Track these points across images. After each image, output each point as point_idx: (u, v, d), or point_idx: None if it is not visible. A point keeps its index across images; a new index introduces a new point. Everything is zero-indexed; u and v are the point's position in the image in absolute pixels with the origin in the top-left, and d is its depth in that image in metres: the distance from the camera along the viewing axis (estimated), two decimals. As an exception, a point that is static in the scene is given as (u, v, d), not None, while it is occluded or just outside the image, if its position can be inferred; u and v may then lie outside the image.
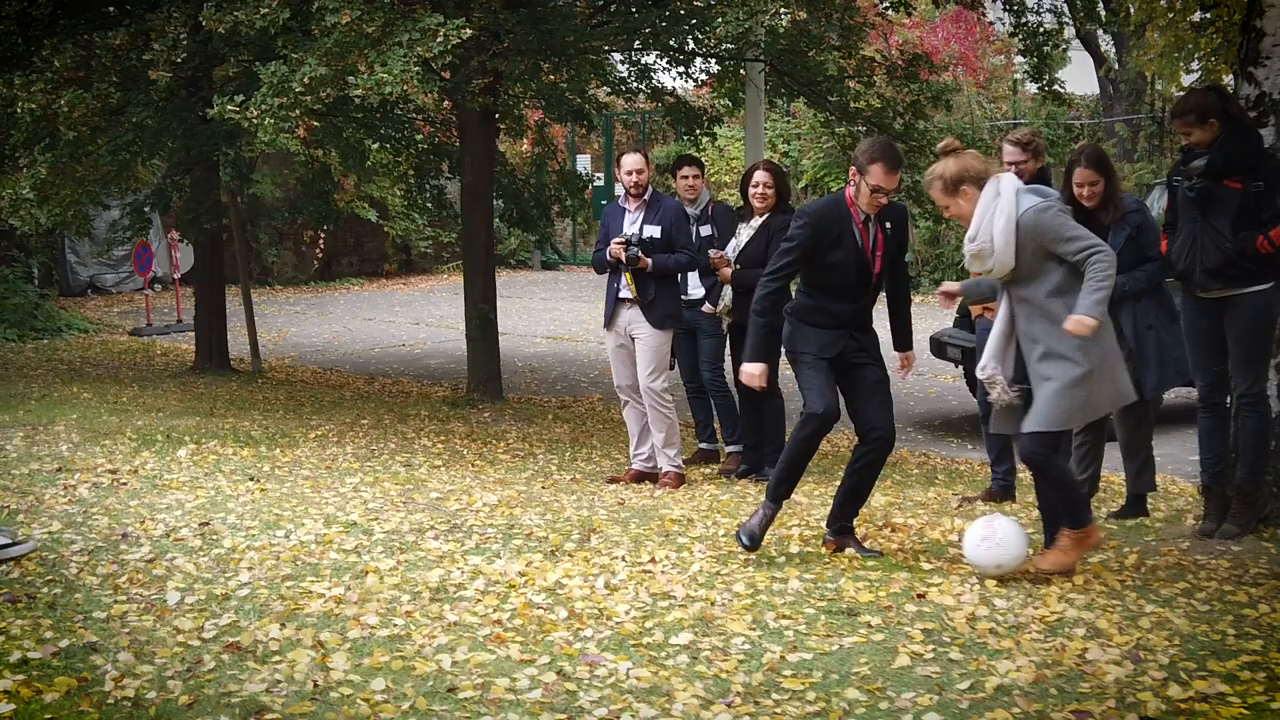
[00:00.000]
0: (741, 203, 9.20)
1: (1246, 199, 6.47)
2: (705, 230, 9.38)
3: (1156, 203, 11.61)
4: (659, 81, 14.38)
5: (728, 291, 9.07)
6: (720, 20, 10.23)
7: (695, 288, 9.39)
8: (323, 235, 25.86)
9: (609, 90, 14.69)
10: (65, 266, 23.77)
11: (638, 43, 12.34)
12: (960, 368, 12.00)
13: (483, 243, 13.12)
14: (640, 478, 8.90)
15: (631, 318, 8.82)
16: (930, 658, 4.99)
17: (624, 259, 8.67)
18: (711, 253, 9.07)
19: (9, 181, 14.06)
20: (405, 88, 9.00)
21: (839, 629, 5.34)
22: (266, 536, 6.88)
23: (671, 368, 9.49)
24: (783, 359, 6.89)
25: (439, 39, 9.01)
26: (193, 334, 16.56)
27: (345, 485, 8.35)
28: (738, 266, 8.93)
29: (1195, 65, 10.31)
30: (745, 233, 8.99)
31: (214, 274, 15.73)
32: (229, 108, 9.43)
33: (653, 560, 6.44)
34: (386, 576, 6.12)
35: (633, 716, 4.46)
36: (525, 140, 16.87)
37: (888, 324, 6.82)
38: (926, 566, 6.30)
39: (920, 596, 5.75)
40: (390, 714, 4.48)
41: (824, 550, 6.60)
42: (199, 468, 8.84)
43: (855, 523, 6.72)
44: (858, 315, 6.54)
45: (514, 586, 5.96)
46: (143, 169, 16.90)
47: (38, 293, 20.49)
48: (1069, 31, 16.83)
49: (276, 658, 5.00)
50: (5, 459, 8.90)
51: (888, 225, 6.51)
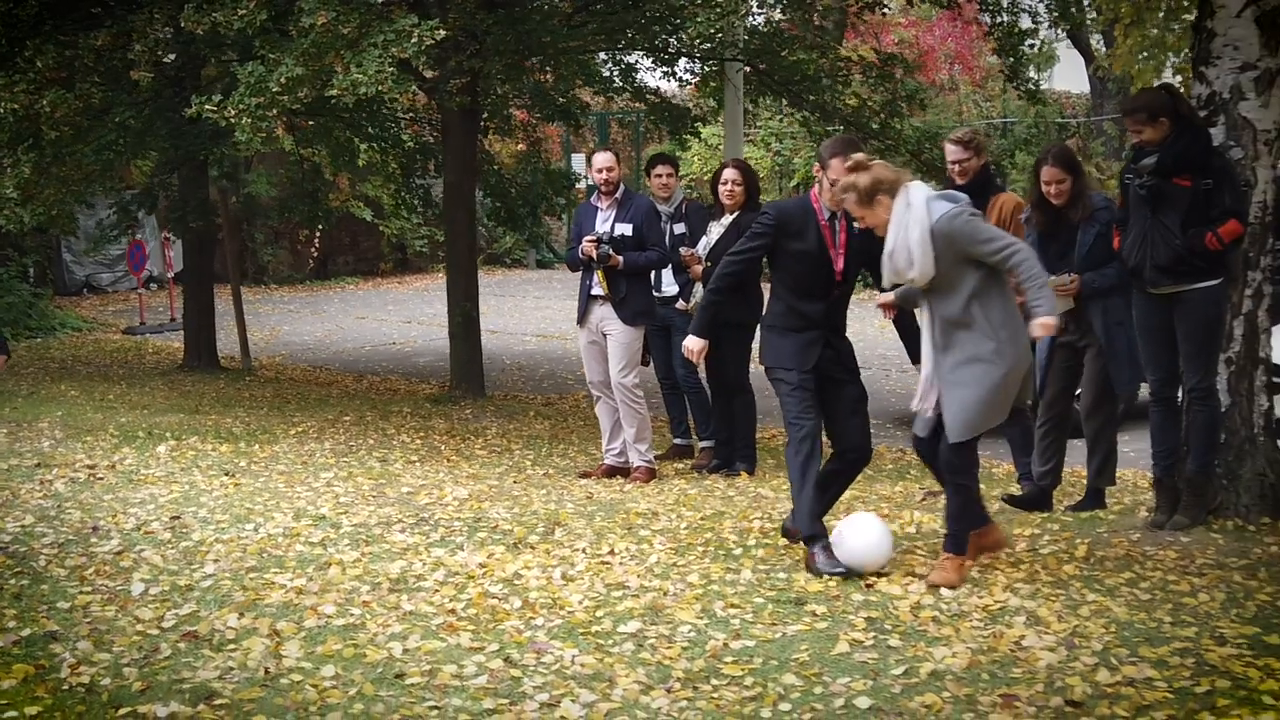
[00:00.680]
0: (712, 200, 9.31)
1: (1196, 197, 6.56)
2: (679, 228, 9.50)
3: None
4: (643, 81, 14.49)
5: (699, 288, 9.16)
6: (691, 22, 10.35)
7: (669, 285, 9.50)
8: (318, 234, 25.93)
9: (595, 90, 14.79)
10: (61, 266, 23.91)
11: (615, 43, 12.43)
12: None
13: (465, 241, 13.24)
14: (612, 473, 9.02)
15: (604, 314, 8.93)
16: (870, 645, 5.10)
17: (595, 257, 8.78)
18: (683, 250, 9.18)
19: (-7, 181, 14.14)
20: (380, 88, 9.12)
21: (784, 617, 5.45)
22: (235, 529, 7.00)
23: (646, 364, 9.63)
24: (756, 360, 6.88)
25: (413, 40, 9.14)
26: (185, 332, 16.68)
27: (319, 480, 8.47)
28: (709, 264, 9.03)
29: (1169, 64, 10.41)
30: (716, 230, 9.09)
31: (203, 272, 15.87)
32: (207, 107, 9.56)
33: (612, 552, 6.55)
34: (349, 568, 6.24)
35: (573, 701, 4.57)
36: (519, 140, 16.94)
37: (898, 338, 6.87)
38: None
39: (869, 586, 5.86)
40: (337, 699, 4.60)
41: (782, 542, 6.69)
42: (176, 463, 8.97)
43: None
44: (829, 315, 6.55)
45: (472, 577, 6.07)
46: (135, 168, 17.06)
47: (32, 291, 20.62)
48: (1052, 30, 16.86)
49: (231, 646, 5.11)
50: (-14, 455, 9.04)
51: (856, 225, 6.55)
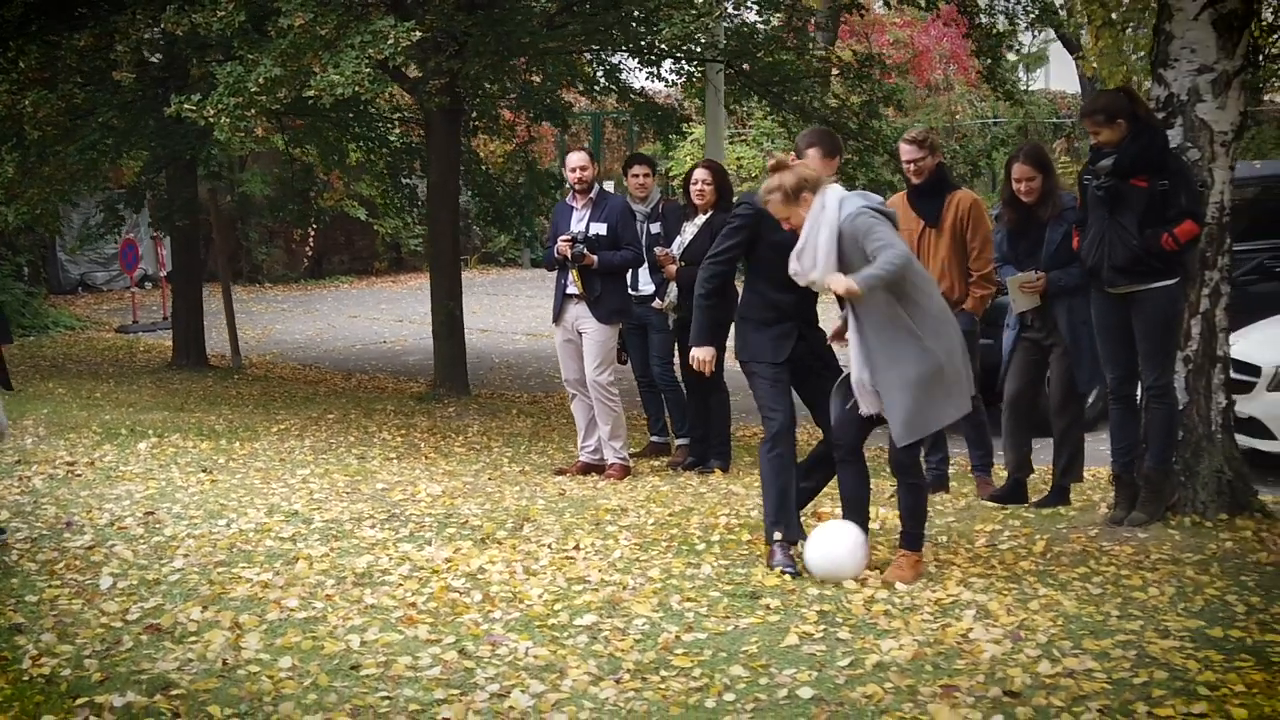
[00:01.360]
0: (684, 200, 9.40)
1: (1152, 198, 6.65)
2: (655, 227, 9.58)
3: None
4: (628, 81, 14.58)
5: (673, 288, 9.25)
6: (667, 24, 10.44)
7: (646, 284, 9.58)
8: (312, 234, 26.00)
9: (581, 90, 14.88)
10: (56, 265, 23.98)
11: (596, 44, 12.53)
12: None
13: (448, 241, 13.35)
14: (587, 470, 9.10)
15: (579, 313, 9.02)
16: (819, 637, 5.19)
17: (570, 256, 8.87)
18: (658, 250, 9.27)
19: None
20: (357, 89, 9.22)
21: (738, 611, 5.54)
22: (208, 525, 7.10)
23: (624, 363, 9.72)
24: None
25: (389, 41, 9.23)
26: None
27: (295, 477, 8.56)
28: (683, 263, 9.12)
29: (1139, 65, 10.50)
30: (690, 230, 9.18)
31: (192, 271, 15.96)
32: (186, 106, 9.65)
33: (577, 547, 6.64)
34: (316, 562, 6.33)
35: (523, 691, 4.66)
36: (508, 140, 17.01)
37: None
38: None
39: (825, 581, 5.94)
40: (291, 690, 4.69)
41: (746, 537, 6.77)
42: (156, 460, 9.06)
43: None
44: (801, 306, 6.56)
45: (436, 572, 6.17)
46: (127, 168, 17.14)
47: (25, 290, 20.70)
48: (1029, 32, 16.94)
49: (193, 638, 5.21)
50: (-32, 452, 9.12)
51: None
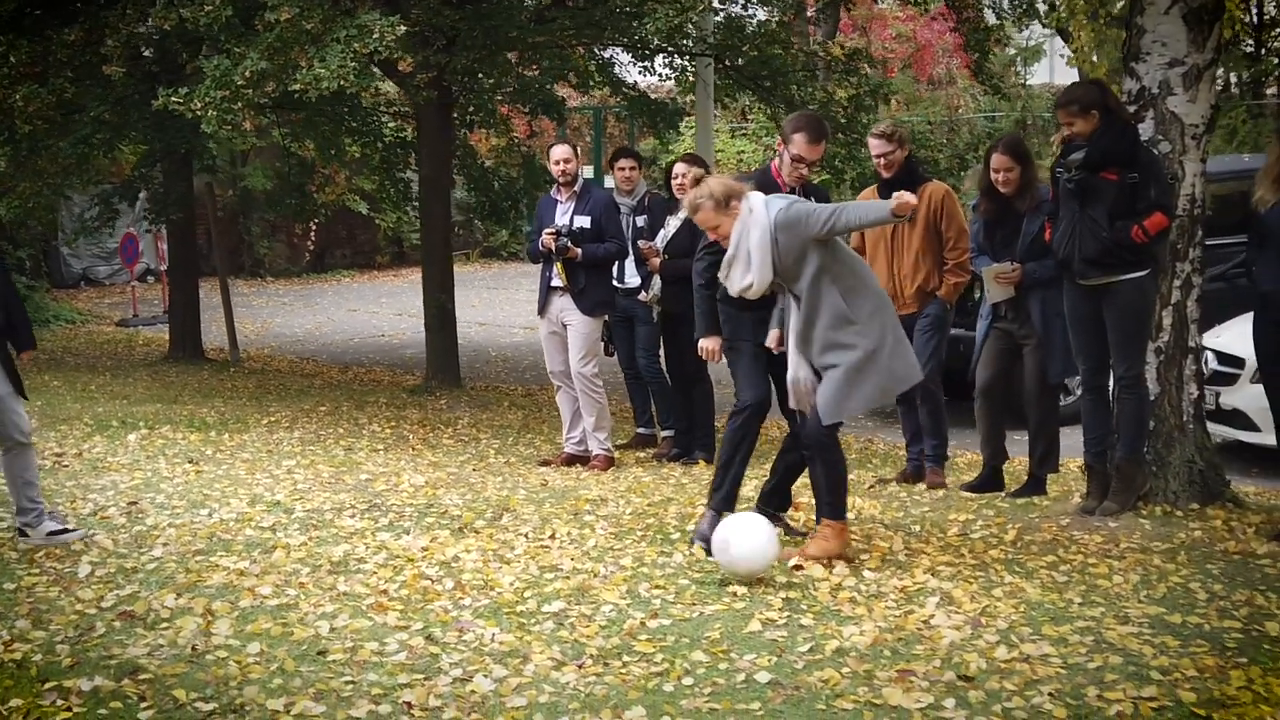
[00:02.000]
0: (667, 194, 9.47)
1: (1122, 190, 6.70)
2: (640, 221, 9.64)
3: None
4: (621, 75, 14.62)
5: (657, 281, 9.32)
6: (650, 17, 10.50)
7: (631, 276, 9.64)
8: (314, 228, 26.08)
9: (574, 84, 14.93)
10: (58, 259, 24.10)
11: (585, 38, 12.58)
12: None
13: (440, 234, 13.39)
14: (572, 461, 9.17)
15: (563, 305, 9.08)
16: (782, 623, 5.26)
17: (554, 249, 8.94)
18: (641, 243, 9.33)
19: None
20: (342, 83, 9.29)
21: (705, 598, 5.60)
22: (190, 515, 7.18)
23: (610, 355, 9.78)
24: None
25: (375, 35, 9.30)
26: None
27: (280, 468, 8.64)
28: (666, 256, 9.19)
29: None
30: (673, 224, 9.24)
31: (188, 265, 16.04)
32: (173, 99, 9.72)
33: (553, 536, 6.71)
34: (294, 551, 6.41)
35: (485, 676, 4.73)
36: (510, 134, 17.06)
37: None
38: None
39: (797, 569, 5.99)
40: (258, 674, 4.76)
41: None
42: (144, 451, 9.14)
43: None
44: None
45: (411, 560, 6.24)
46: (125, 161, 17.22)
47: (27, 284, 20.80)
48: (1017, 26, 16.95)
49: (165, 625, 5.29)
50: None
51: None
